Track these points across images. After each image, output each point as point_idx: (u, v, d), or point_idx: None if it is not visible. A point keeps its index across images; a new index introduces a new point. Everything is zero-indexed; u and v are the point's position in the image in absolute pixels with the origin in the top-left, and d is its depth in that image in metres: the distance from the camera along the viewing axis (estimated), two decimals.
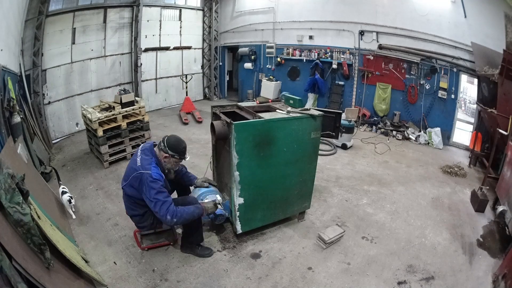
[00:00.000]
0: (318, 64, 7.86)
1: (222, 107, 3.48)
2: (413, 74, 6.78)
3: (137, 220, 2.78)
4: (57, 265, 2.23)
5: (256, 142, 2.86)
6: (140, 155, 2.60)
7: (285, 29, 8.65)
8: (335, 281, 2.73)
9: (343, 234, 3.32)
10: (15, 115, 3.81)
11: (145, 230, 2.93)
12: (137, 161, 2.56)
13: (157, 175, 2.47)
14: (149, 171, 2.45)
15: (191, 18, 9.43)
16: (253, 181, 2.98)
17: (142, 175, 2.46)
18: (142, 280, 2.66)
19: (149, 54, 8.34)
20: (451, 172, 5.05)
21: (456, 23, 5.96)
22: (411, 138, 6.71)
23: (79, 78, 6.74)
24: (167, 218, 2.42)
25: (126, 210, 2.83)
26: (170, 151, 2.59)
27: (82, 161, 5.18)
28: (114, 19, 7.25)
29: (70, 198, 3.52)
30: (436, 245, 3.26)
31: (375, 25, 7.05)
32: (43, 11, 5.51)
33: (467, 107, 6.78)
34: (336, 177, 4.82)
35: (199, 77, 10.24)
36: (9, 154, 2.98)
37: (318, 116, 3.13)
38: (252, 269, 2.85)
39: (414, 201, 4.16)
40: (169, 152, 2.59)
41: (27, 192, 2.28)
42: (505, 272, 2.57)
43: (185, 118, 7.70)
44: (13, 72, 4.52)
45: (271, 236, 3.33)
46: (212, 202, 2.80)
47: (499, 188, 3.74)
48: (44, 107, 5.95)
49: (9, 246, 1.85)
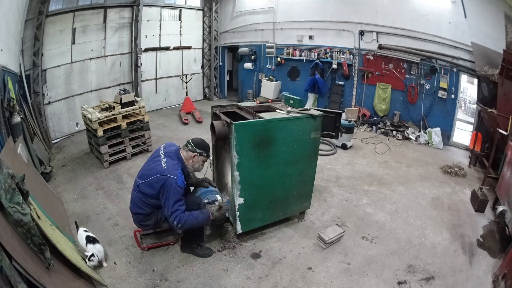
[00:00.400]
0: (318, 64, 7.86)
1: (222, 107, 3.48)
2: (413, 74, 6.78)
3: (140, 219, 2.79)
4: (57, 265, 2.24)
5: (256, 142, 2.86)
6: (166, 158, 2.63)
7: (285, 29, 8.65)
8: (335, 281, 2.73)
9: (343, 234, 3.32)
10: (15, 115, 3.81)
11: (147, 229, 2.93)
12: (162, 164, 2.59)
13: (182, 183, 2.52)
14: (175, 177, 2.49)
15: (191, 18, 9.43)
16: (253, 181, 2.98)
17: (167, 179, 2.48)
18: (142, 280, 2.66)
19: (149, 54, 8.33)
20: (451, 172, 5.05)
21: (456, 23, 5.96)
22: (411, 138, 6.71)
23: (79, 78, 6.74)
24: (174, 223, 2.50)
25: (131, 206, 2.82)
26: (199, 149, 2.68)
27: (82, 161, 5.18)
28: (114, 19, 7.25)
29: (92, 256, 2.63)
30: (436, 245, 3.26)
31: (375, 25, 7.05)
32: (43, 11, 5.51)
33: (467, 107, 6.78)
34: (336, 177, 4.82)
35: (199, 77, 10.24)
36: (9, 154, 2.98)
37: (318, 116, 3.13)
38: (252, 269, 2.85)
39: (414, 201, 4.16)
40: (197, 151, 2.68)
41: (27, 192, 2.28)
42: (505, 272, 2.57)
43: (185, 118, 7.70)
44: (13, 72, 4.51)
45: (271, 236, 3.33)
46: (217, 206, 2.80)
47: (499, 188, 3.73)
48: (44, 107, 5.95)
49: (9, 246, 1.85)
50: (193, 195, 3.02)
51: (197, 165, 2.76)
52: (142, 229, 2.95)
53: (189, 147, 2.71)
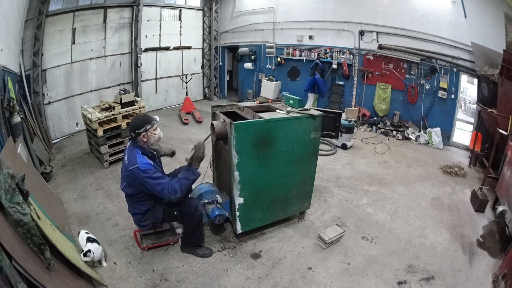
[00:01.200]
0: (318, 64, 7.85)
1: (222, 107, 3.48)
2: (413, 74, 6.78)
3: (138, 219, 2.80)
4: (57, 265, 2.24)
5: (256, 142, 2.86)
6: (126, 155, 2.66)
7: (285, 29, 8.65)
8: (335, 281, 2.73)
9: (343, 234, 3.32)
10: (15, 115, 3.81)
11: (146, 229, 2.94)
12: (125, 161, 2.63)
13: (144, 165, 2.52)
14: (136, 164, 2.51)
15: (191, 18, 9.43)
16: (253, 181, 2.98)
17: (132, 171, 2.51)
18: (142, 280, 2.66)
19: (149, 54, 8.33)
20: (451, 172, 5.05)
21: (456, 23, 5.96)
22: (411, 138, 6.71)
23: (79, 78, 6.73)
24: (172, 197, 2.54)
25: (128, 208, 2.85)
26: (138, 130, 2.59)
27: (82, 161, 5.18)
28: (114, 19, 7.25)
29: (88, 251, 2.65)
30: (436, 245, 3.26)
31: (375, 25, 7.05)
32: (43, 11, 5.51)
33: (467, 107, 6.78)
34: (336, 177, 4.82)
35: (199, 77, 10.24)
36: (9, 154, 2.98)
37: (318, 116, 3.13)
38: (252, 269, 2.85)
39: (414, 201, 4.16)
40: (139, 131, 2.60)
41: (27, 193, 2.28)
42: (505, 272, 2.57)
43: (185, 118, 7.70)
44: (13, 72, 4.51)
45: (271, 236, 3.33)
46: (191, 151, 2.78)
47: (499, 188, 3.73)
48: (44, 107, 5.95)
49: (9, 246, 1.85)
50: (192, 198, 3.01)
51: (152, 139, 2.68)
52: (141, 229, 2.95)
53: (133, 135, 2.64)
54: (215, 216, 2.96)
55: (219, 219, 3.00)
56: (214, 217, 2.96)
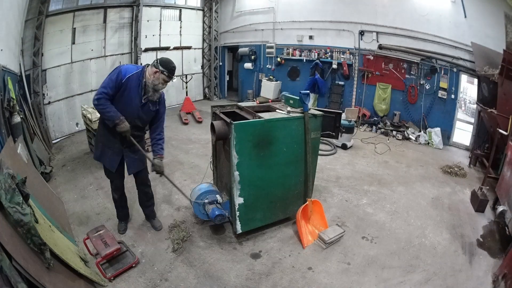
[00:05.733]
0: (318, 64, 7.85)
1: (222, 107, 3.48)
2: (413, 74, 6.78)
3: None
4: (57, 265, 2.23)
5: (256, 142, 2.86)
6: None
7: (285, 29, 8.65)
8: (335, 281, 2.73)
9: (343, 234, 3.32)
10: (15, 115, 3.81)
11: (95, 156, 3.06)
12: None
13: (125, 71, 2.63)
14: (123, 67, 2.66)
15: (191, 18, 9.43)
16: (253, 181, 2.98)
17: (116, 68, 2.67)
18: (142, 280, 2.66)
19: (149, 54, 8.31)
20: (451, 172, 5.05)
21: (456, 23, 5.96)
22: (411, 138, 6.71)
23: (79, 78, 6.73)
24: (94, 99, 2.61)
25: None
26: (161, 67, 2.67)
27: (82, 161, 5.18)
28: (114, 19, 7.25)
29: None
30: (436, 245, 3.26)
31: (375, 25, 7.05)
32: (43, 11, 5.51)
33: (467, 107, 6.78)
34: (336, 177, 4.82)
35: (199, 77, 10.24)
36: (9, 154, 2.98)
37: (318, 116, 3.13)
38: (252, 269, 2.85)
39: (414, 201, 4.16)
40: (160, 68, 2.67)
41: (28, 195, 2.27)
42: (505, 272, 2.57)
43: (185, 118, 7.70)
44: (13, 72, 4.51)
45: (271, 236, 3.33)
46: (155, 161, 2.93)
47: (499, 188, 3.73)
48: (44, 107, 5.95)
49: (9, 246, 1.85)
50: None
51: (156, 81, 2.70)
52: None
53: (154, 63, 2.72)
54: (215, 216, 2.96)
55: (219, 219, 3.00)
56: (214, 217, 2.96)
